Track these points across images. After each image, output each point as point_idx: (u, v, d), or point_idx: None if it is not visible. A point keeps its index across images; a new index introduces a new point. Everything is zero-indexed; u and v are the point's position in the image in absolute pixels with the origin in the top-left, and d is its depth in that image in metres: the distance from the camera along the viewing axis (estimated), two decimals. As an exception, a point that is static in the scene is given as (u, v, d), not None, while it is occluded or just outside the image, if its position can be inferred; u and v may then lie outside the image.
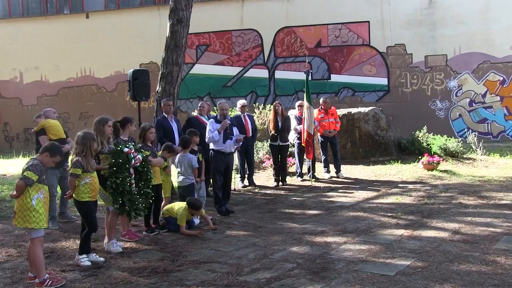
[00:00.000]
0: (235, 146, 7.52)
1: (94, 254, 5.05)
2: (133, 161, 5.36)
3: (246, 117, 9.30)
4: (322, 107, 9.96)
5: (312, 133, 9.36)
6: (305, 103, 9.34)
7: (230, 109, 13.67)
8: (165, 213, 6.29)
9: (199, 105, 8.55)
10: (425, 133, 12.28)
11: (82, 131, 4.90)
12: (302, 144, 9.48)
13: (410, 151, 11.92)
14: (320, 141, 10.14)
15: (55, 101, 17.79)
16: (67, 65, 18.03)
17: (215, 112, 7.63)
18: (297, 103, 10.02)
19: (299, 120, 9.72)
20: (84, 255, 4.90)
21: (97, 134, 5.25)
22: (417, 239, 5.40)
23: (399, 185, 8.95)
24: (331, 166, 10.16)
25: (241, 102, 9.46)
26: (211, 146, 7.13)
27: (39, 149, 6.24)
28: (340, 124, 10.26)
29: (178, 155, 6.73)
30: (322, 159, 10.16)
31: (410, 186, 8.75)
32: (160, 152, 6.39)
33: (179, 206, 6.23)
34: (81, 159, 4.74)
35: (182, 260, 4.94)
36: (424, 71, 15.47)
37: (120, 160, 5.24)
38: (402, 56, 15.63)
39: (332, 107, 10.13)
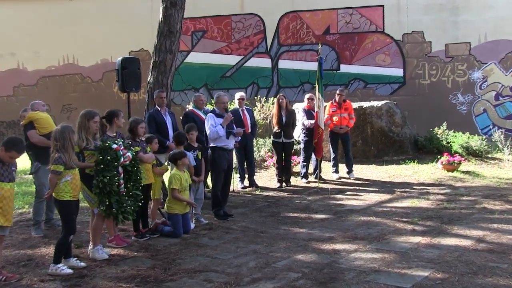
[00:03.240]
0: (235, 142, 7.54)
1: (75, 258, 5.06)
2: (122, 158, 5.37)
3: (245, 111, 9.30)
4: (337, 99, 9.93)
5: (323, 129, 9.35)
6: (318, 95, 9.32)
7: (229, 102, 13.75)
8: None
9: (196, 97, 8.52)
10: (445, 129, 12.28)
11: (59, 125, 4.93)
12: (314, 142, 9.46)
13: (428, 149, 11.93)
14: (330, 137, 10.11)
15: (34, 92, 17.75)
16: (48, 52, 17.99)
17: (211, 106, 7.62)
18: (307, 96, 10.00)
19: (308, 114, 9.68)
20: (60, 264, 4.88)
21: (81, 129, 5.26)
22: (436, 248, 5.39)
23: (415, 187, 8.95)
24: (341, 166, 10.15)
25: (239, 94, 9.47)
26: (213, 143, 7.10)
27: (30, 146, 6.27)
28: (355, 120, 10.19)
29: (171, 152, 6.73)
30: (331, 158, 10.15)
31: (428, 189, 8.76)
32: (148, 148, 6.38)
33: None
34: (63, 155, 4.77)
35: (175, 269, 4.94)
36: (444, 61, 15.43)
37: (108, 157, 5.25)
38: (420, 45, 15.60)
39: (347, 101, 10.10)
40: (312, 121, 9.52)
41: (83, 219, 6.91)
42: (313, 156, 9.85)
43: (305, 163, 9.89)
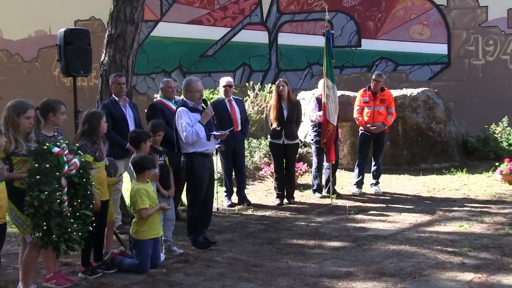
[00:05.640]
0: (217, 145, 7.57)
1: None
2: (66, 167, 5.35)
3: (233, 102, 9.33)
4: (372, 86, 9.96)
5: (336, 125, 9.37)
6: (325, 81, 9.37)
7: (211, 90, 13.76)
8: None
9: (164, 83, 8.52)
10: (506, 127, 12.34)
11: None
12: (322, 143, 9.52)
13: (481, 154, 11.98)
14: (359, 138, 10.15)
15: None
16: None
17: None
18: (320, 82, 9.91)
19: (321, 105, 9.65)
20: None
21: (9, 127, 5.24)
22: (492, 288, 5.43)
23: (464, 205, 8.98)
24: (366, 176, 10.18)
25: (225, 80, 9.49)
26: (189, 148, 7.08)
27: None
28: (395, 117, 10.20)
29: (132, 157, 6.74)
30: (356, 165, 10.19)
31: (482, 207, 8.78)
32: None
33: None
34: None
35: (138, 317, 4.94)
36: (505, 33, 15.49)
37: (47, 165, 5.23)
38: (471, 11, 15.65)
39: (386, 89, 10.11)
40: (320, 113, 9.56)
41: (10, 249, 6.88)
42: (325, 163, 9.87)
43: (318, 172, 9.93)
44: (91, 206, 5.69)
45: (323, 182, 10.04)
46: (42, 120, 5.69)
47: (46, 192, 5.21)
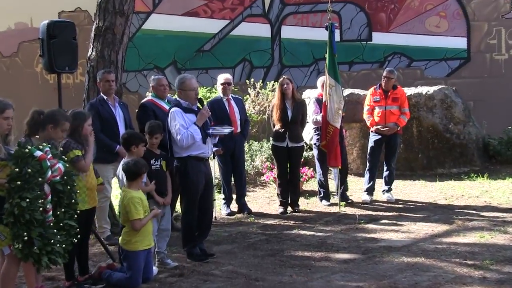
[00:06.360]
0: (214, 148, 7.61)
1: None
2: (50, 172, 5.36)
3: (232, 102, 9.35)
4: (383, 83, 9.98)
5: (338, 127, 9.37)
6: (327, 78, 9.39)
7: (208, 88, 13.77)
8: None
9: (155, 81, 8.50)
10: (531, 128, 12.35)
11: None
12: (321, 145, 9.57)
13: (504, 158, 11.98)
14: (370, 140, 10.15)
15: None
16: None
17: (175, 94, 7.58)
18: (319, 80, 10.02)
19: (321, 106, 9.71)
20: None
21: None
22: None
23: (485, 214, 8.98)
24: (377, 182, 10.19)
25: (223, 77, 9.50)
26: (181, 151, 7.09)
27: None
28: (409, 117, 10.19)
29: (122, 161, 6.75)
30: (366, 171, 10.20)
31: (506, 217, 8.78)
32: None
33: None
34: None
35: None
36: (531, 25, 15.48)
37: (29, 170, 5.23)
38: (493, 1, 15.65)
39: (398, 87, 10.12)
40: (320, 116, 9.60)
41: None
42: (335, 169, 9.86)
43: (323, 178, 9.95)
44: (75, 216, 5.69)
45: (332, 188, 10.01)
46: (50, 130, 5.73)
47: (28, 200, 5.21)
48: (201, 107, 7.24)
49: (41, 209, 5.32)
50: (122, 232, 6.45)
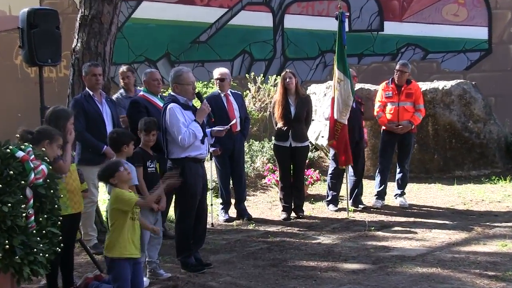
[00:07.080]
0: (211, 148, 7.64)
1: None
2: (33, 174, 5.38)
3: (230, 98, 9.38)
4: (396, 78, 9.98)
5: (346, 124, 9.39)
6: (336, 72, 9.43)
7: (204, 82, 13.80)
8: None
9: (147, 75, 8.52)
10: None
11: None
12: (329, 144, 9.61)
13: (528, 159, 12.00)
14: (381, 139, 10.19)
15: None
16: None
17: (168, 90, 7.57)
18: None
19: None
20: None
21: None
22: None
23: (508, 220, 8.98)
24: (389, 185, 10.22)
25: (218, 72, 9.52)
26: (179, 152, 7.09)
27: None
28: (424, 114, 10.20)
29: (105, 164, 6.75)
30: (377, 173, 10.24)
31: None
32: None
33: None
34: None
35: None
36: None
37: (11, 172, 5.25)
38: (517, -12, 15.69)
39: (412, 82, 10.12)
40: (328, 112, 9.63)
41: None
42: (350, 170, 9.85)
43: (334, 181, 9.95)
44: (59, 222, 5.69)
45: (342, 192, 10.04)
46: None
47: (10, 204, 5.19)
48: (200, 102, 7.27)
49: (24, 214, 5.33)
50: (106, 237, 6.24)
